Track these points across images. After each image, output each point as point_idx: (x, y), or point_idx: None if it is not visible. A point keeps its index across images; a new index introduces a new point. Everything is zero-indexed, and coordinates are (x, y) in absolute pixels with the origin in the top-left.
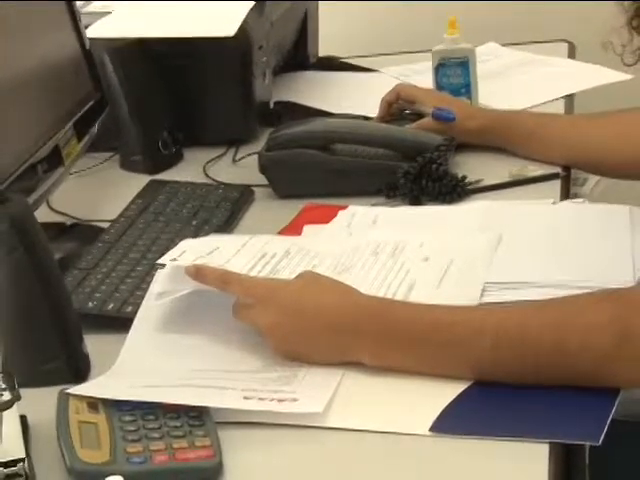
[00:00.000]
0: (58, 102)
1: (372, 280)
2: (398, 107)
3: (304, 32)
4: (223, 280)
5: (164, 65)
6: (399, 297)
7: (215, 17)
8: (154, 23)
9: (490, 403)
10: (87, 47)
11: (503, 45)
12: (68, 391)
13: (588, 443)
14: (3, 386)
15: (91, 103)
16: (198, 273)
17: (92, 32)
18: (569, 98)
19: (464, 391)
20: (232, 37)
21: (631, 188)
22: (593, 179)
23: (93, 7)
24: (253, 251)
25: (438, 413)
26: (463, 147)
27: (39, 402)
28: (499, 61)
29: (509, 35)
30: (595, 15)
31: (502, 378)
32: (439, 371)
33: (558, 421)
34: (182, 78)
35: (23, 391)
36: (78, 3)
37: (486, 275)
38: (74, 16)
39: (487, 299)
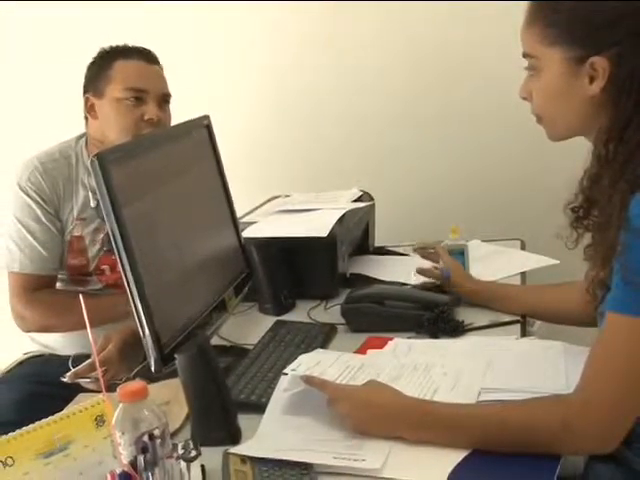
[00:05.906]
0: (225, 274)
1: (412, 386)
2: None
3: (367, 232)
4: (322, 385)
5: (285, 251)
6: (428, 397)
7: (315, 223)
8: (279, 228)
9: (482, 464)
10: (242, 242)
11: (483, 241)
12: (229, 450)
13: None
14: (191, 446)
15: (243, 275)
16: (307, 380)
17: (245, 234)
18: (523, 274)
19: (466, 456)
20: (325, 236)
21: (562, 327)
22: (539, 322)
23: (244, 220)
24: (341, 364)
25: (450, 470)
26: (461, 304)
27: (212, 456)
28: (479, 251)
29: (487, 233)
30: (541, 221)
31: (490, 448)
32: (451, 443)
33: (523, 475)
34: (295, 258)
35: (202, 449)
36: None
37: (481, 383)
38: (237, 227)
39: (482, 398)
